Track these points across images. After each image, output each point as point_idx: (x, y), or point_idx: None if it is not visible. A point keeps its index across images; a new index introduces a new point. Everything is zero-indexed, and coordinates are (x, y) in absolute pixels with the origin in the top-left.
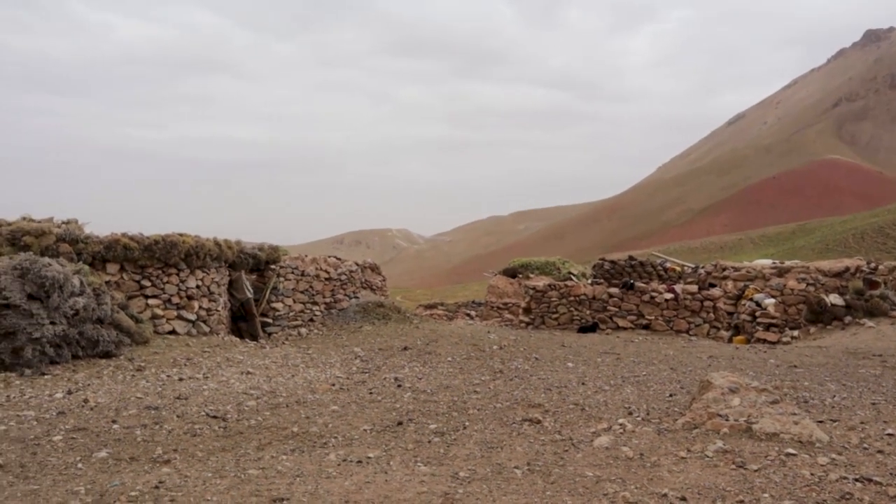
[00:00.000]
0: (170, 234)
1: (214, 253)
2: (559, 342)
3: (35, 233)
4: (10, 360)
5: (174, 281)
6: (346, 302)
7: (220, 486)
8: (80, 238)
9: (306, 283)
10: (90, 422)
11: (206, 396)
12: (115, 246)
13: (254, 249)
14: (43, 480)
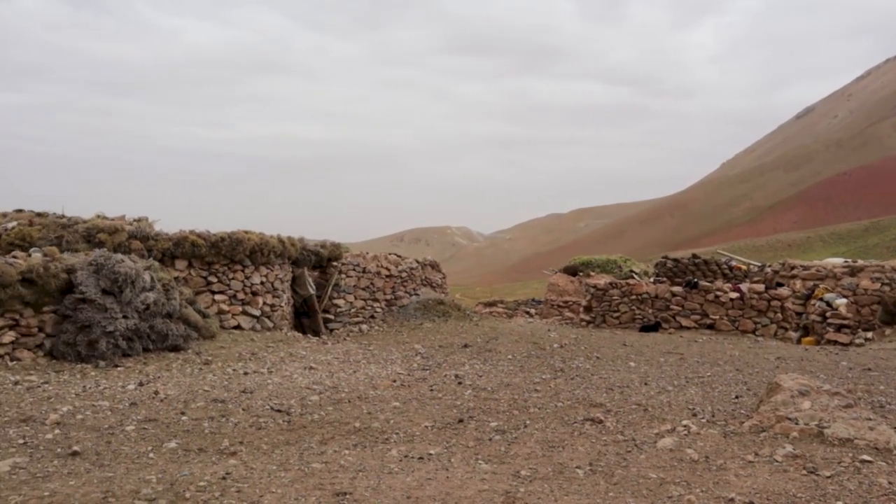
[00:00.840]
0: (235, 232)
1: (278, 250)
2: (620, 341)
3: (109, 230)
4: (85, 352)
5: (239, 277)
6: (407, 299)
7: (285, 478)
8: (151, 235)
9: (367, 279)
10: (160, 413)
11: (271, 391)
12: (184, 243)
13: (316, 246)
14: (117, 468)
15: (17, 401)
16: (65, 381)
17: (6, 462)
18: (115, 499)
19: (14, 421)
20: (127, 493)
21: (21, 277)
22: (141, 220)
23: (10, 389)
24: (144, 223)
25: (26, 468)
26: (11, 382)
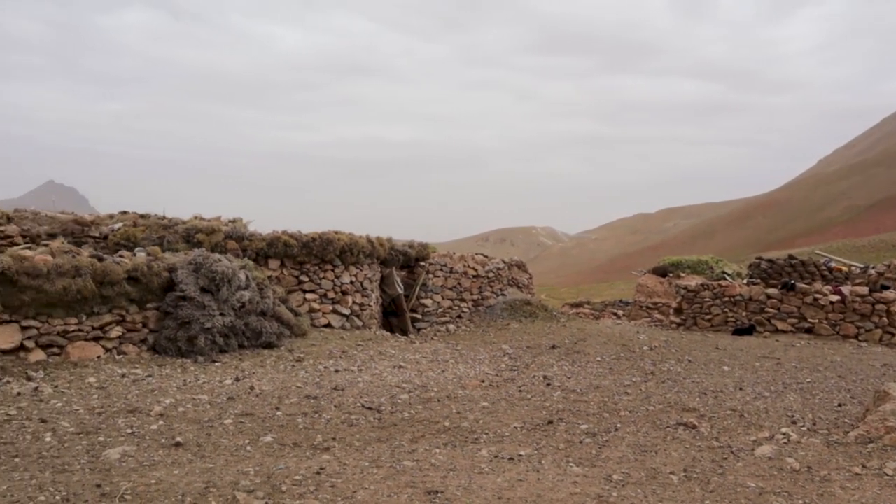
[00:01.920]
0: (326, 232)
1: (367, 250)
2: (713, 344)
3: (206, 230)
4: (185, 348)
5: (330, 277)
6: (494, 299)
7: (377, 475)
8: (246, 235)
9: (454, 280)
10: (256, 408)
11: (361, 388)
12: (277, 243)
13: (404, 247)
14: (217, 460)
15: (125, 392)
16: (167, 375)
17: (116, 450)
18: (216, 489)
19: (122, 411)
20: (227, 483)
21: (127, 276)
22: (236, 221)
23: (117, 381)
24: (239, 224)
25: (134, 456)
26: (119, 375)
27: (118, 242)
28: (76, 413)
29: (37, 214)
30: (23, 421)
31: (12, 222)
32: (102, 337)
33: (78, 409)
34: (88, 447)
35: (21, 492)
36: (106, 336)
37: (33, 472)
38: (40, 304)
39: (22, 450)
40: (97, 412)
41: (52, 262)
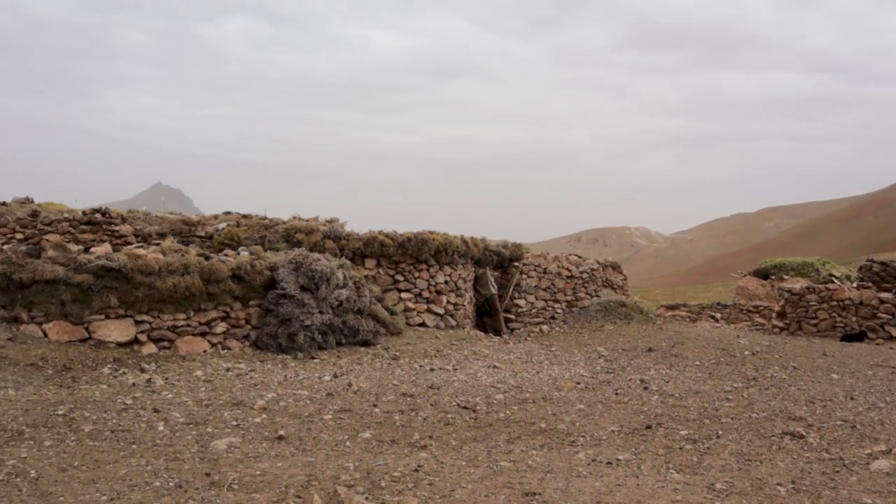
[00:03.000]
0: (421, 232)
1: (461, 250)
2: (819, 350)
3: (305, 230)
4: (286, 344)
5: (424, 276)
6: (588, 300)
7: (474, 475)
8: (343, 235)
9: (548, 280)
10: (354, 404)
11: (456, 387)
12: (373, 243)
13: (498, 247)
14: (318, 454)
15: (230, 386)
16: (268, 370)
17: (223, 441)
18: (318, 483)
19: (227, 404)
20: (328, 477)
21: (231, 274)
22: (333, 221)
23: (222, 375)
24: (336, 224)
25: (240, 448)
26: (224, 369)
27: (222, 242)
28: (185, 404)
29: (148, 215)
30: (138, 410)
31: (126, 222)
32: (208, 332)
33: (187, 400)
34: (197, 437)
35: (138, 477)
36: (212, 331)
37: (148, 459)
38: (152, 300)
39: (138, 437)
40: (204, 404)
41: (163, 261)
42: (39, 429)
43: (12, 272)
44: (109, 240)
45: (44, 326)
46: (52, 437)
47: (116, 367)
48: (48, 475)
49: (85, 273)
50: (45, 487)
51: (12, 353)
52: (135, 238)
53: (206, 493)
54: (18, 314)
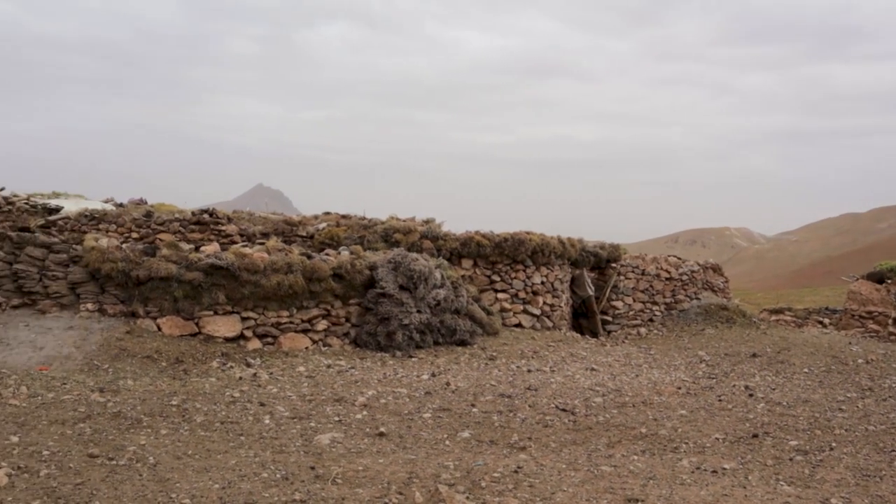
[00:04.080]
0: (518, 233)
1: (558, 251)
2: None
3: (403, 230)
4: (384, 342)
5: (521, 277)
6: (687, 303)
7: (575, 478)
8: (440, 235)
9: (646, 282)
10: (452, 403)
11: (554, 389)
12: (470, 243)
13: (595, 248)
14: (418, 451)
15: (331, 382)
16: (368, 368)
17: (326, 436)
18: (419, 480)
19: (329, 400)
20: (428, 475)
21: (332, 273)
22: (429, 222)
23: (324, 371)
24: (433, 224)
25: (342, 443)
26: (325, 365)
27: (323, 241)
28: (289, 399)
29: (252, 215)
30: (245, 403)
31: (232, 222)
32: (310, 329)
33: (291, 395)
34: (301, 431)
35: (247, 467)
36: (313, 329)
37: (256, 451)
38: (257, 297)
39: (246, 429)
40: (307, 399)
41: (268, 260)
42: (156, 418)
43: (130, 269)
44: (216, 239)
45: (158, 321)
46: (168, 426)
47: (224, 362)
48: (165, 462)
49: (195, 271)
50: (162, 473)
51: (130, 345)
52: (240, 237)
53: (311, 486)
54: (135, 309)
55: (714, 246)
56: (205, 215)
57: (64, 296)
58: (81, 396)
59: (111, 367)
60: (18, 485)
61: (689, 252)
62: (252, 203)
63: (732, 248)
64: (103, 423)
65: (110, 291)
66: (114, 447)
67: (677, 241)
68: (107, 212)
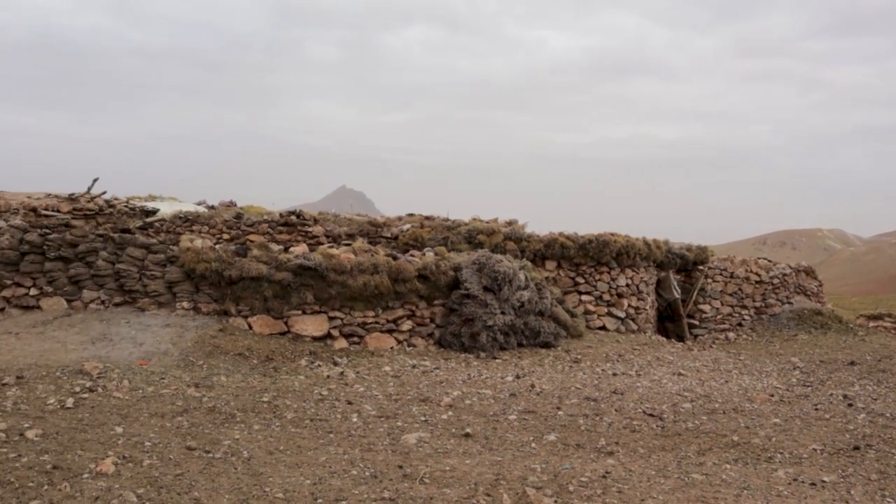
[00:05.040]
0: (602, 234)
1: (644, 252)
2: None
3: (487, 232)
4: (468, 343)
5: (605, 279)
6: (778, 307)
7: (665, 486)
8: (524, 237)
9: (735, 285)
10: (538, 406)
11: (641, 394)
12: (554, 244)
13: (681, 249)
14: (504, 453)
15: (416, 382)
16: (452, 368)
17: (413, 435)
18: (506, 482)
19: (415, 400)
20: (515, 478)
21: (417, 274)
22: (512, 223)
23: (409, 371)
24: (517, 226)
25: (429, 443)
26: (410, 365)
27: (407, 242)
28: (376, 398)
29: (337, 217)
30: (333, 401)
31: (318, 224)
32: (395, 329)
33: (377, 394)
34: (389, 430)
35: (337, 465)
36: (398, 329)
37: (345, 448)
38: (344, 297)
39: (334, 427)
40: (394, 399)
41: (354, 260)
42: (248, 413)
43: (223, 269)
44: (303, 240)
45: (248, 319)
46: (260, 421)
47: (312, 360)
48: (258, 457)
49: (285, 271)
50: (256, 468)
51: (223, 343)
52: (325, 238)
53: (399, 485)
54: (227, 308)
55: (805, 248)
56: (292, 217)
57: (161, 294)
58: (178, 391)
59: (205, 364)
60: (124, 473)
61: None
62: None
63: (825, 251)
64: (199, 417)
65: (204, 290)
66: (210, 440)
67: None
68: (199, 214)
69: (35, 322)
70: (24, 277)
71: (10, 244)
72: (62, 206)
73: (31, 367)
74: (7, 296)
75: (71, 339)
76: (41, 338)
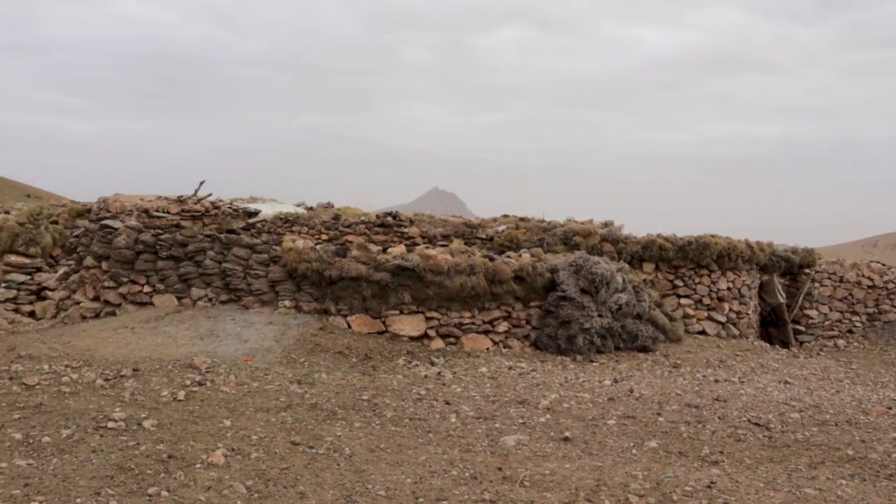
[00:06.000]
0: (702, 236)
1: (746, 255)
2: None
3: (583, 233)
4: (564, 346)
5: (705, 282)
6: (893, 314)
7: (775, 499)
8: (621, 238)
9: (845, 290)
10: (637, 411)
11: (745, 402)
12: (651, 246)
13: (786, 252)
14: (604, 459)
15: (513, 384)
16: (548, 371)
17: (511, 438)
18: (607, 488)
19: (512, 402)
20: (617, 484)
21: (513, 275)
22: (609, 224)
23: (505, 373)
24: (613, 227)
25: (528, 445)
26: (506, 367)
27: (502, 244)
28: (473, 399)
29: (432, 217)
30: (431, 401)
31: (413, 224)
32: (491, 331)
33: (474, 395)
34: (487, 432)
35: (436, 464)
36: (494, 330)
37: (444, 448)
38: (441, 298)
39: (433, 427)
40: (491, 400)
41: (451, 261)
42: (349, 411)
43: (324, 269)
44: (399, 241)
45: (347, 318)
46: (360, 419)
47: (409, 360)
48: (359, 454)
49: (383, 271)
50: (358, 465)
51: (323, 341)
52: (421, 239)
53: (499, 487)
54: (328, 307)
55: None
56: (388, 218)
57: (264, 293)
58: (282, 387)
59: (307, 361)
60: (233, 465)
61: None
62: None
63: None
64: (302, 413)
65: (305, 289)
66: (313, 436)
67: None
68: (299, 215)
69: (148, 318)
70: (139, 275)
71: (126, 244)
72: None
73: (146, 361)
74: (124, 292)
75: (181, 335)
76: (154, 333)
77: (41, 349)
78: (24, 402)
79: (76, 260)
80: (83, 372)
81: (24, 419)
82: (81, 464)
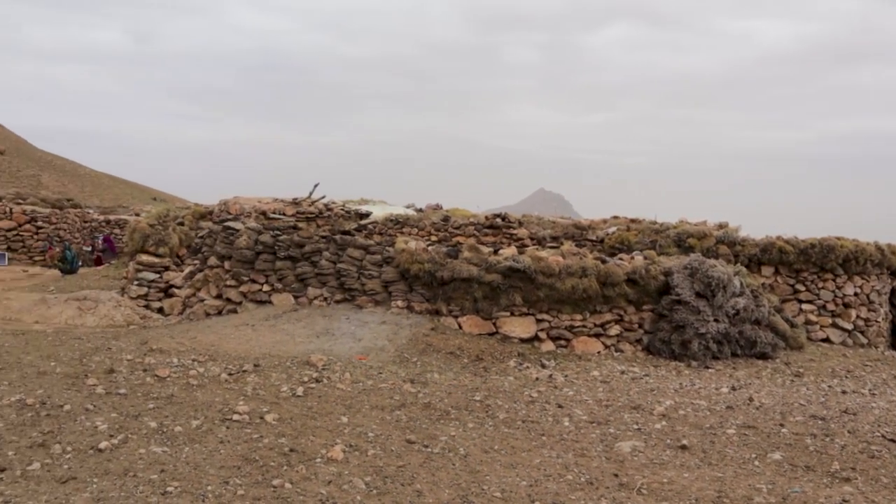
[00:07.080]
0: (826, 238)
1: (876, 258)
2: None
3: (697, 235)
4: (678, 351)
5: (829, 287)
6: None
7: None
8: (737, 241)
9: None
10: (758, 421)
11: (877, 415)
12: (771, 249)
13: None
14: (725, 469)
15: (626, 389)
16: (662, 376)
17: (627, 444)
18: (729, 500)
19: (626, 407)
20: (739, 497)
21: (626, 278)
22: (724, 226)
23: (618, 377)
24: (729, 229)
25: (644, 452)
26: (618, 371)
27: (613, 246)
28: (586, 403)
29: (540, 219)
30: (543, 404)
31: (522, 226)
32: (602, 334)
33: (587, 399)
34: (601, 437)
35: (551, 468)
36: (605, 333)
37: (558, 452)
38: (551, 300)
39: (546, 430)
40: (604, 404)
41: (562, 263)
42: (462, 411)
43: (435, 270)
44: (507, 242)
45: (458, 319)
46: (473, 420)
47: (520, 362)
48: (474, 454)
49: (494, 273)
50: (472, 465)
51: (435, 341)
52: (530, 241)
53: (616, 494)
54: (439, 307)
55: None
56: (497, 219)
57: (378, 293)
58: (395, 386)
59: (419, 361)
60: (352, 461)
61: None
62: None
63: None
64: (416, 412)
65: (417, 290)
66: (427, 435)
67: None
68: (409, 216)
69: (267, 315)
70: (259, 275)
71: (247, 244)
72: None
73: (266, 357)
74: (244, 291)
75: (298, 333)
76: (273, 330)
77: (170, 343)
78: (157, 392)
79: (201, 259)
80: (209, 366)
81: (158, 409)
82: (210, 453)
